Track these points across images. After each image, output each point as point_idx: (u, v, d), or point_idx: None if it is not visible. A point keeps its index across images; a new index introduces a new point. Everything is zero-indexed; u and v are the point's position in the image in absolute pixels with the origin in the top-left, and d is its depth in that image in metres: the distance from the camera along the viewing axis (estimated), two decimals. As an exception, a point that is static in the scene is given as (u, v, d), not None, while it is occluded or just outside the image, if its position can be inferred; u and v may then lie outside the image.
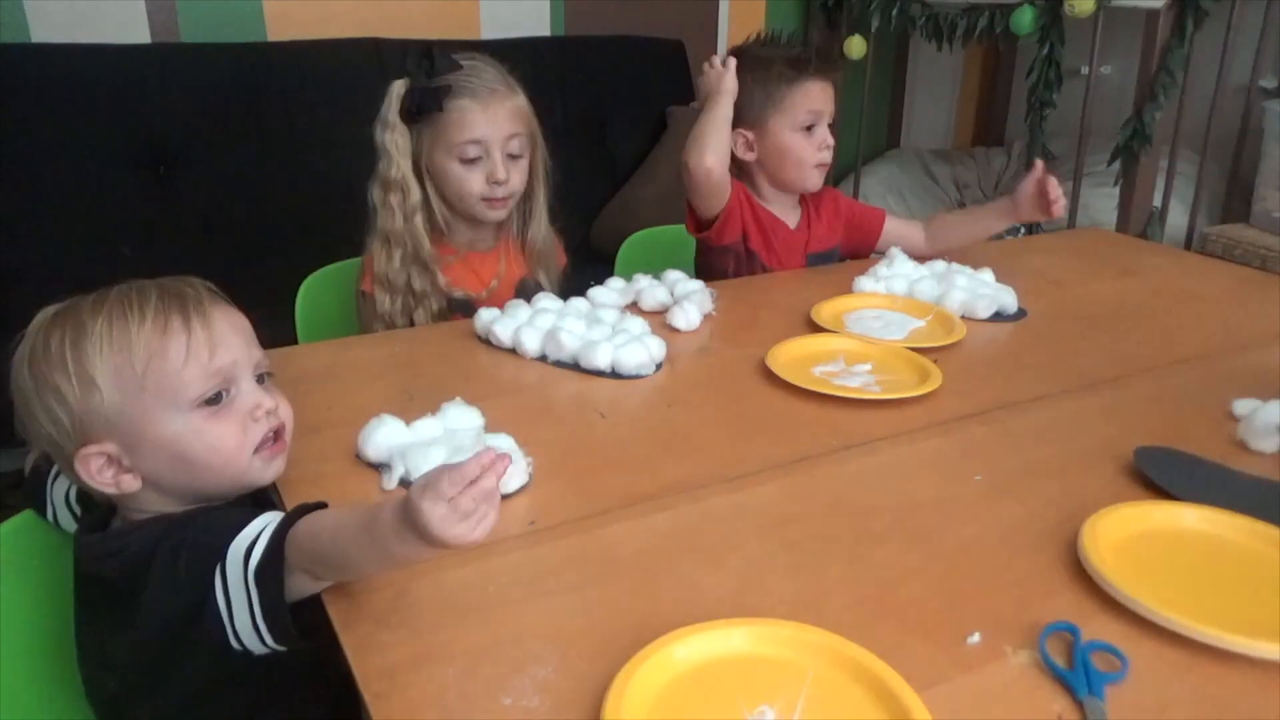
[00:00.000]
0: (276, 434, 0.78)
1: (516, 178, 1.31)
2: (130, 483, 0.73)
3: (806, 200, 1.54)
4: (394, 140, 1.28)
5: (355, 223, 2.59)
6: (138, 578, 0.70)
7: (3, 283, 2.09)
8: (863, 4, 3.06)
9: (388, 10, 2.66)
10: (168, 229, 2.29)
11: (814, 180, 1.47)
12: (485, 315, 1.15)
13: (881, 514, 0.79)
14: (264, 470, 0.77)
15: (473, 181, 1.29)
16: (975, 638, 0.63)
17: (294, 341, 1.35)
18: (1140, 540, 0.73)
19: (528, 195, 1.37)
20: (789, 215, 1.52)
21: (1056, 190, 1.43)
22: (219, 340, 0.75)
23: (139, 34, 2.40)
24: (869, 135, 3.38)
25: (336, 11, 2.61)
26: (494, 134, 1.29)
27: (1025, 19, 2.59)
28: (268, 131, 2.40)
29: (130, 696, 0.76)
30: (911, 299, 1.30)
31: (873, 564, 0.72)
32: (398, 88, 1.28)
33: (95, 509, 0.79)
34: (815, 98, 1.43)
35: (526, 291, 1.38)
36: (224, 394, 0.75)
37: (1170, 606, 0.63)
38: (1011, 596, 0.68)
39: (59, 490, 0.83)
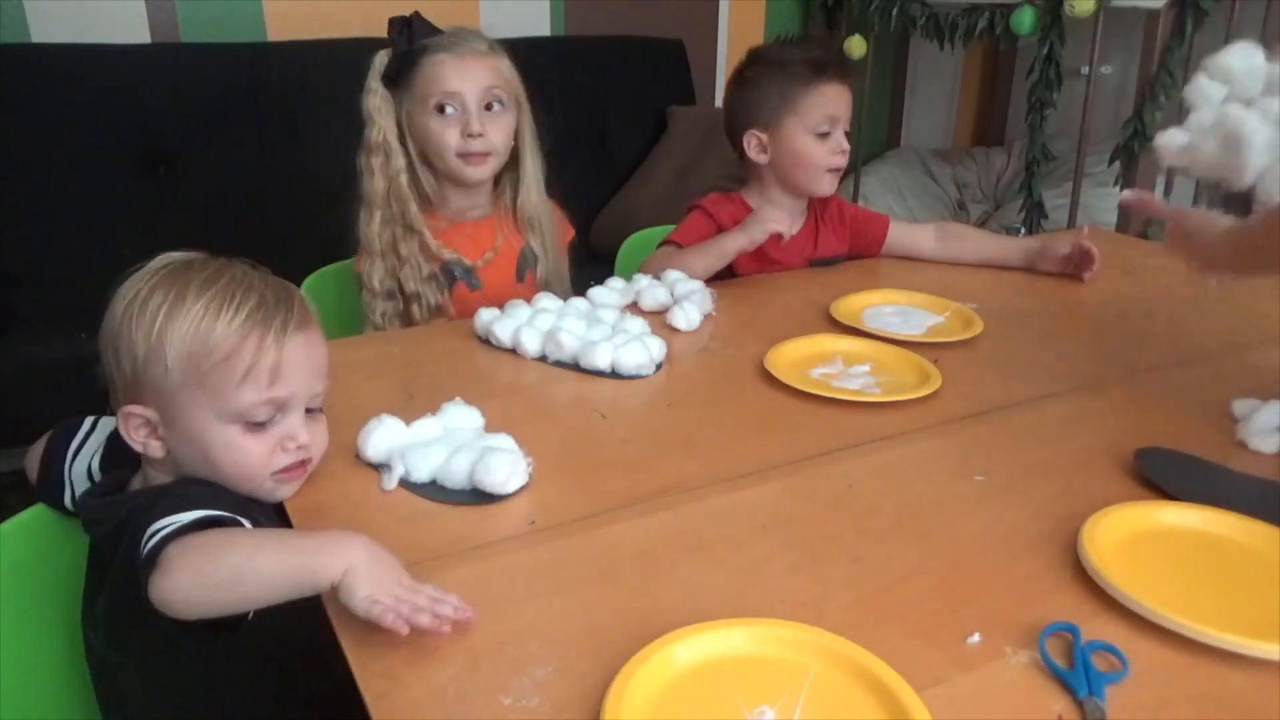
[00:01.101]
0: (301, 462, 0.80)
1: (496, 135, 1.30)
2: (157, 450, 0.77)
3: (814, 206, 1.52)
4: (375, 104, 1.30)
5: (355, 222, 2.59)
6: (115, 546, 0.72)
7: (3, 283, 2.09)
8: (863, 4, 3.06)
9: (388, 10, 2.65)
10: (168, 229, 2.29)
11: (825, 185, 1.45)
12: (485, 315, 1.15)
13: (881, 514, 0.79)
14: (275, 491, 0.79)
15: (448, 135, 1.28)
16: (975, 638, 0.63)
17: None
18: (1140, 540, 0.73)
19: (516, 163, 1.36)
20: (793, 222, 1.51)
21: (1095, 262, 1.39)
22: (286, 370, 0.77)
23: (139, 34, 2.40)
24: (869, 135, 3.38)
25: (336, 11, 2.61)
26: (469, 86, 1.28)
27: (1025, 19, 2.59)
28: (268, 131, 2.41)
29: (115, 663, 0.79)
30: (930, 295, 1.30)
31: (873, 564, 0.72)
32: (380, 56, 1.31)
33: (118, 467, 0.82)
34: (832, 102, 1.40)
35: (525, 262, 1.38)
36: (269, 421, 0.77)
37: (1170, 606, 0.63)
38: (1011, 596, 0.68)
39: (79, 467, 0.85)
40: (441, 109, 1.28)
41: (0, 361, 1.86)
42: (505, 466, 0.79)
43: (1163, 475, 0.82)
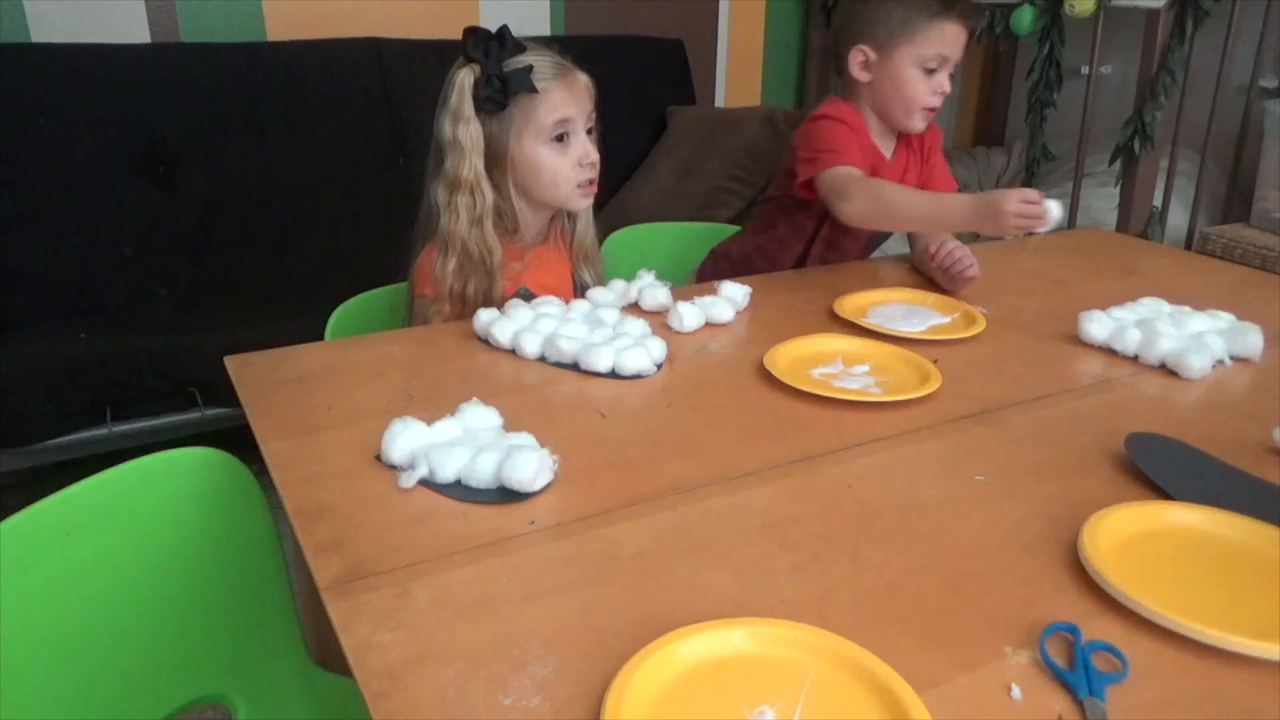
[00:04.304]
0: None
1: (598, 159, 1.26)
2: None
3: (904, 136, 1.48)
4: (469, 134, 1.20)
5: (355, 222, 2.60)
6: None
7: (3, 283, 2.09)
8: (863, 4, 3.05)
9: (388, 10, 2.67)
10: (168, 229, 2.29)
11: (917, 123, 1.42)
12: (484, 316, 1.14)
13: (882, 514, 0.79)
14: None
15: (566, 165, 1.23)
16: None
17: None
18: (1140, 540, 0.73)
19: None
20: (886, 143, 1.47)
21: (963, 265, 1.32)
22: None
23: (139, 34, 2.40)
24: (869, 135, 3.38)
25: (336, 11, 2.61)
26: (578, 111, 1.23)
27: (1025, 19, 2.59)
28: (268, 131, 2.41)
29: None
30: (939, 295, 1.30)
31: (873, 564, 0.72)
32: (465, 76, 1.20)
33: None
34: (949, 41, 1.36)
35: (578, 291, 1.34)
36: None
37: (1170, 606, 0.63)
38: (1011, 596, 0.68)
39: None
40: (561, 139, 1.23)
41: (0, 361, 1.86)
42: (533, 464, 0.79)
43: (1152, 465, 0.83)
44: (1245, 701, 0.58)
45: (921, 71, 1.38)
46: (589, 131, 1.26)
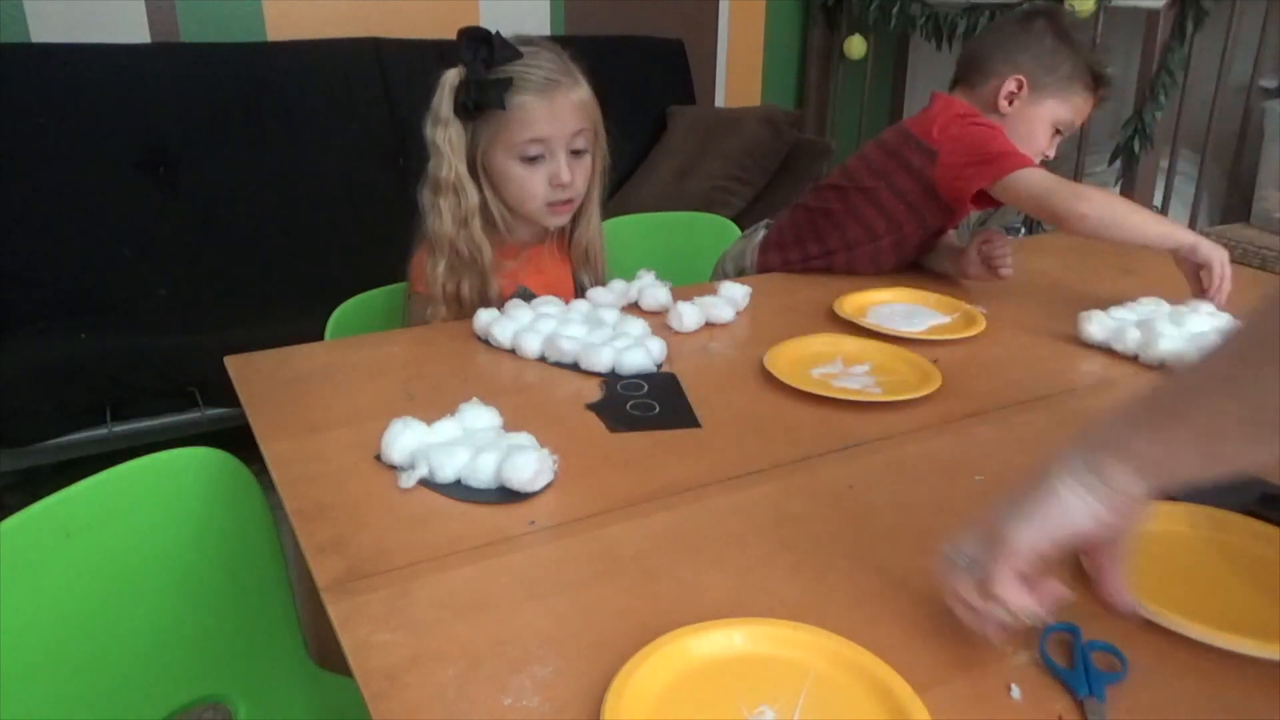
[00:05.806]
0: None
1: (580, 178, 1.23)
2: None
3: None
4: (447, 137, 1.18)
5: (355, 222, 2.59)
6: None
7: (3, 283, 2.09)
8: (863, 4, 3.06)
9: (387, 10, 2.67)
10: (168, 229, 2.29)
11: None
12: (484, 316, 1.14)
13: (882, 514, 0.79)
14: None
15: (535, 183, 1.21)
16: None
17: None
18: (1140, 540, 0.73)
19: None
20: None
21: (1003, 260, 1.35)
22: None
23: (139, 34, 2.40)
24: (869, 135, 3.38)
25: (336, 11, 2.61)
26: (557, 131, 1.19)
27: (1025, 19, 2.59)
28: (268, 131, 2.41)
29: None
30: (939, 295, 1.30)
31: (873, 564, 0.72)
32: (451, 78, 1.19)
33: None
34: (1080, 116, 1.39)
35: (578, 292, 1.33)
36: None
37: (1170, 606, 0.63)
38: (1011, 596, 0.68)
39: None
40: (530, 158, 1.20)
41: (0, 361, 1.87)
42: (533, 464, 0.79)
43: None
44: (1245, 701, 0.59)
45: (1053, 129, 1.38)
46: (577, 151, 1.23)
